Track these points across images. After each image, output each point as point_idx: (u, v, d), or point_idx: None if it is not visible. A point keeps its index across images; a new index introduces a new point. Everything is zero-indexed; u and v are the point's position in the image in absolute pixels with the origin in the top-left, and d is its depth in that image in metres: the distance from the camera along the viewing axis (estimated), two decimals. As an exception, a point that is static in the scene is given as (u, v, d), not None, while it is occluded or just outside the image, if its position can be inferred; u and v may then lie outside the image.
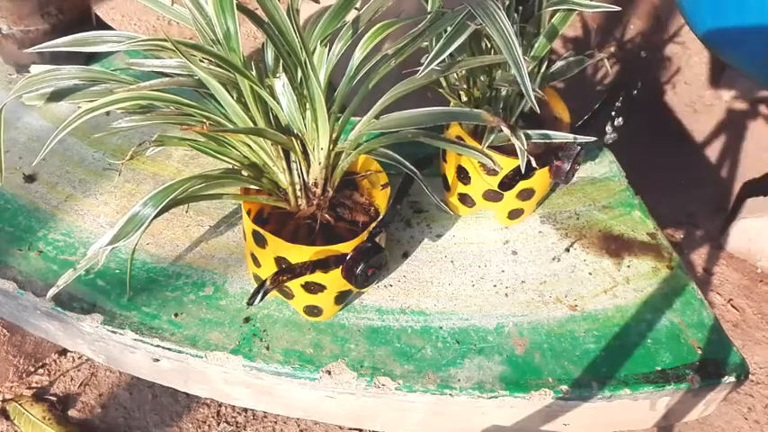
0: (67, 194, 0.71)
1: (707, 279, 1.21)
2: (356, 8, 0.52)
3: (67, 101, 0.51)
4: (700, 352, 0.61)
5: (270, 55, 0.53)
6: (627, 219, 0.74)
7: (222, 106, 0.51)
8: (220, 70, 0.48)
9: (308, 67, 0.47)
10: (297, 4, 0.50)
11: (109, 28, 0.92)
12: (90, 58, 0.85)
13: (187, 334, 0.59)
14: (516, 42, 0.45)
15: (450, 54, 0.49)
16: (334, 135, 0.53)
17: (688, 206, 1.32)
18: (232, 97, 0.50)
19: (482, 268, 0.67)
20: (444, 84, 0.64)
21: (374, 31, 0.50)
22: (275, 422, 0.87)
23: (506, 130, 0.49)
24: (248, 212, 0.56)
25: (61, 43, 0.54)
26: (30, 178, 0.72)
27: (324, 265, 0.53)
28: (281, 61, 0.48)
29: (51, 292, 0.50)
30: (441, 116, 0.51)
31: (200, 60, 0.48)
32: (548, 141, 0.60)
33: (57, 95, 0.51)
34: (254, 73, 0.49)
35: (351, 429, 0.85)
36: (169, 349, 0.58)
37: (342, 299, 0.60)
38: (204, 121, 0.49)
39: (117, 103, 0.47)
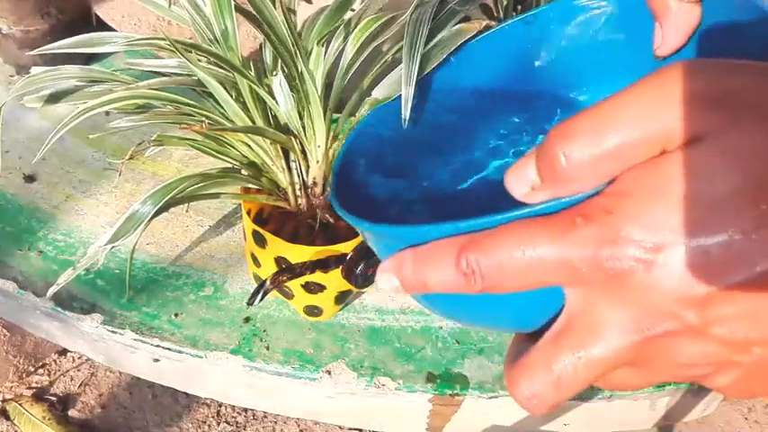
0: (67, 194, 0.71)
1: (707, 279, 1.21)
2: (352, 9, 0.52)
3: (68, 102, 0.51)
4: (700, 352, 0.61)
5: (268, 54, 0.53)
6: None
7: (221, 106, 0.51)
8: (219, 69, 0.48)
9: (301, 63, 0.47)
10: (294, 5, 0.50)
11: (109, 28, 0.92)
12: (90, 58, 0.85)
13: (187, 334, 0.59)
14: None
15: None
16: (331, 133, 0.53)
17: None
18: (231, 97, 0.50)
19: (482, 268, 0.67)
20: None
21: (363, 26, 0.50)
22: (275, 422, 0.87)
23: None
24: (248, 212, 0.56)
25: (63, 45, 0.54)
26: (30, 178, 0.72)
27: (324, 265, 0.53)
28: (279, 60, 0.48)
29: (51, 290, 0.50)
30: None
31: (199, 60, 0.48)
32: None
33: (57, 96, 0.51)
34: (252, 72, 0.49)
35: (351, 429, 0.85)
36: (169, 349, 0.58)
37: (342, 299, 0.60)
38: (203, 120, 0.49)
39: (115, 102, 0.47)
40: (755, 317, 0.19)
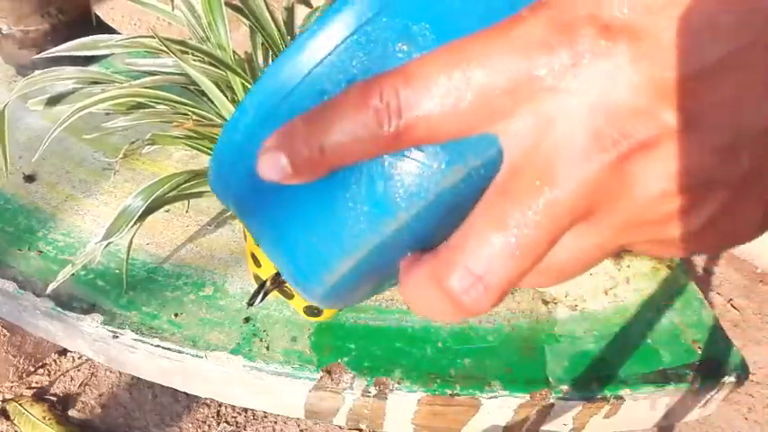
0: (67, 194, 0.71)
1: (707, 279, 1.21)
2: None
3: (68, 104, 0.51)
4: (700, 352, 0.61)
5: (259, 52, 0.53)
6: (627, 219, 0.74)
7: (215, 104, 0.51)
8: (212, 68, 0.48)
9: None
10: (289, 3, 0.50)
11: (109, 28, 0.92)
12: (91, 59, 0.85)
13: (187, 334, 0.59)
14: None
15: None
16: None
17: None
18: (226, 97, 0.50)
19: (482, 268, 0.67)
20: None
21: None
22: (275, 422, 0.87)
23: None
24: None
25: (59, 50, 0.54)
26: (30, 178, 0.72)
27: (323, 264, 0.52)
28: (270, 57, 0.48)
29: (51, 286, 0.50)
30: None
31: (193, 59, 0.48)
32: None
33: (58, 98, 0.51)
34: (247, 71, 0.49)
35: (351, 429, 0.85)
36: (169, 349, 0.58)
37: (341, 299, 0.60)
38: (194, 118, 0.49)
39: (108, 101, 0.47)
40: (740, 101, 0.14)
